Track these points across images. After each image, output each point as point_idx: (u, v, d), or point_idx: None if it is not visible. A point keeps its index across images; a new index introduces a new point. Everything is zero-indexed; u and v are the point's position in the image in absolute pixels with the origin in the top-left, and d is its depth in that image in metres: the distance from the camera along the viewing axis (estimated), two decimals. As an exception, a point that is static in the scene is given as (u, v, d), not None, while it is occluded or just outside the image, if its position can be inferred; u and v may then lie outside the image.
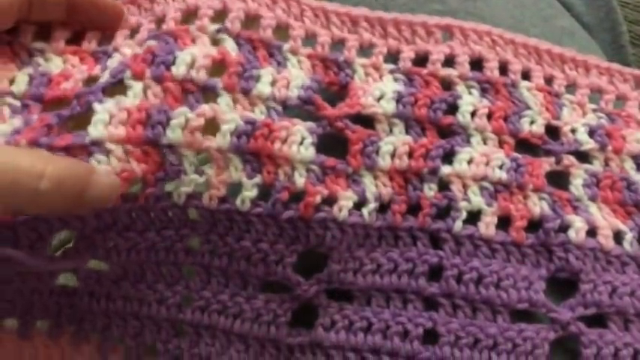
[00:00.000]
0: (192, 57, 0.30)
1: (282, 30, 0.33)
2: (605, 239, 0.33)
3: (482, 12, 0.40)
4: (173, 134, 0.29)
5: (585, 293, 0.32)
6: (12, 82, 0.30)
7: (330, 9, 0.34)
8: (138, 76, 0.29)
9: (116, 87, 0.30)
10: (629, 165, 0.36)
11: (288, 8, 0.34)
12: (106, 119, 0.29)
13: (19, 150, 0.27)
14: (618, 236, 0.34)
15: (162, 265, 0.33)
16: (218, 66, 0.31)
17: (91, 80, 0.31)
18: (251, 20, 0.33)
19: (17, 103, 0.30)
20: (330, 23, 0.34)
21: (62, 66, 0.32)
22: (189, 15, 0.32)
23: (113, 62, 0.31)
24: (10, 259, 0.28)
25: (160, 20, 0.33)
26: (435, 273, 0.32)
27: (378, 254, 0.32)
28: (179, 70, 0.30)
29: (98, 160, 0.28)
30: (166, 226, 0.32)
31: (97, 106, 0.29)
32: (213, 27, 0.32)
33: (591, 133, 0.35)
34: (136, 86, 0.29)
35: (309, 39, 0.34)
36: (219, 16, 0.32)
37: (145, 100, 0.29)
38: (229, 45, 0.32)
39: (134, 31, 0.33)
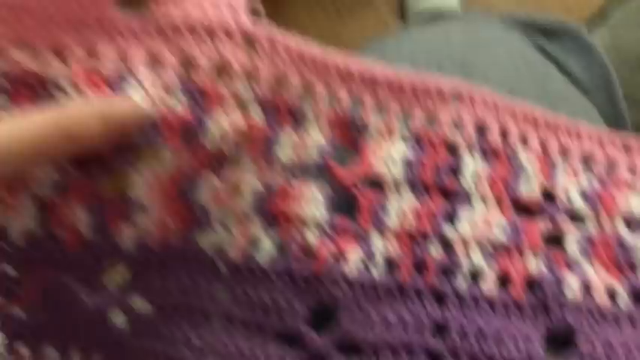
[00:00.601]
0: (222, 128, 0.32)
1: (307, 90, 0.35)
2: (600, 297, 0.35)
3: (478, 81, 0.42)
4: (202, 196, 0.33)
5: (582, 350, 0.34)
6: None
7: (355, 69, 0.35)
8: (171, 147, 0.32)
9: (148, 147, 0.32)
10: (621, 226, 0.37)
11: (314, 68, 0.34)
12: (145, 186, 0.32)
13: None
14: (613, 294, 0.36)
15: (193, 311, 0.35)
16: (244, 135, 0.33)
17: None
18: (279, 82, 0.34)
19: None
20: (352, 80, 0.35)
21: (76, 97, 0.31)
22: (221, 67, 0.32)
23: (134, 96, 0.31)
24: (66, 286, 0.33)
25: (187, 61, 0.32)
26: (440, 329, 0.34)
27: (386, 310, 0.34)
28: (210, 141, 0.32)
29: (140, 217, 0.33)
30: (198, 274, 0.35)
31: (136, 175, 0.32)
32: (243, 91, 0.33)
33: (584, 196, 0.37)
34: (170, 156, 0.32)
35: (331, 98, 0.35)
36: (249, 76, 0.33)
37: (178, 170, 0.32)
38: (256, 112, 0.33)
39: (154, 59, 0.32)
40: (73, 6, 0.31)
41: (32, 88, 0.30)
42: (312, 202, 0.35)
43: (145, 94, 0.31)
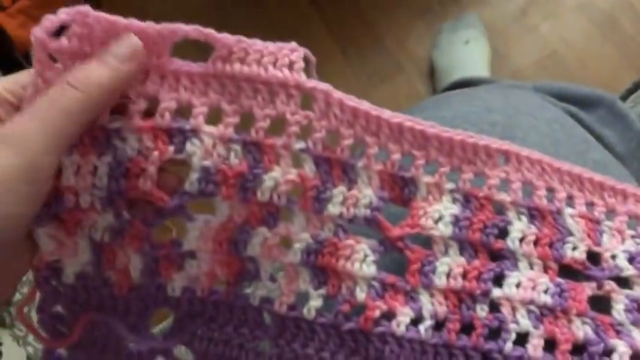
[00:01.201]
0: (276, 182, 0.33)
1: (357, 146, 0.36)
2: None
3: (518, 143, 0.43)
4: (253, 250, 0.34)
5: None
6: (93, 173, 0.32)
7: (406, 126, 0.35)
8: (227, 199, 0.33)
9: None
10: None
11: (367, 125, 0.35)
12: (197, 235, 0.34)
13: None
14: None
15: None
16: (297, 188, 0.35)
17: (166, 163, 0.33)
18: (330, 136, 0.35)
19: (103, 194, 0.33)
20: (404, 139, 0.36)
21: (137, 146, 0.32)
22: (276, 122, 0.34)
23: (193, 152, 0.32)
24: (113, 329, 0.34)
25: (245, 116, 0.34)
26: None
27: None
28: (264, 195, 0.33)
29: (191, 265, 0.35)
30: (243, 324, 0.35)
31: (189, 225, 0.34)
32: (298, 146, 0.34)
33: (631, 259, 0.38)
34: (224, 207, 0.34)
35: (382, 151, 0.36)
36: (304, 130, 0.34)
37: (231, 221, 0.34)
38: (308, 166, 0.34)
39: (214, 115, 0.34)
40: None
41: (95, 138, 0.32)
42: (361, 258, 0.35)
43: (203, 147, 0.33)
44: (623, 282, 0.37)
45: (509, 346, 0.35)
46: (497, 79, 1.03)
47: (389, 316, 0.35)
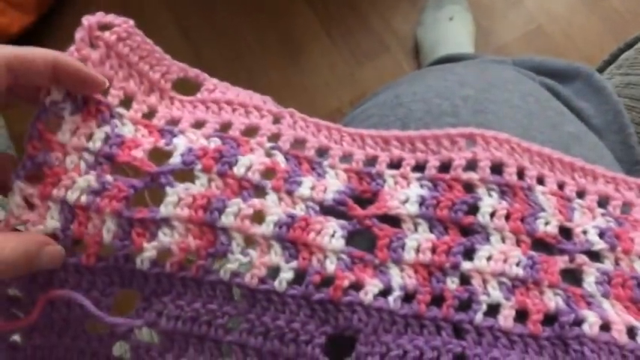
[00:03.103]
0: (251, 162, 0.37)
1: (323, 151, 0.40)
2: (619, 334, 0.35)
3: (492, 123, 0.44)
4: (227, 219, 0.36)
5: None
6: (89, 137, 0.36)
7: (365, 133, 0.40)
8: (206, 170, 0.36)
9: (185, 172, 0.36)
10: (639, 265, 0.38)
11: (330, 134, 0.40)
12: (175, 201, 0.35)
13: None
14: (632, 332, 0.36)
15: (204, 340, 0.36)
16: (269, 172, 0.37)
17: (156, 151, 0.37)
18: (299, 143, 0.39)
19: (91, 159, 0.36)
20: (365, 144, 0.40)
21: (134, 133, 0.38)
22: (251, 130, 0.39)
23: (179, 142, 0.38)
24: (79, 305, 0.35)
25: (225, 125, 0.39)
26: None
27: (404, 341, 0.35)
28: (239, 170, 0.37)
29: (164, 233, 0.35)
30: (211, 300, 0.36)
31: (169, 189, 0.36)
32: (269, 144, 0.39)
33: (601, 234, 0.38)
34: (203, 177, 0.36)
35: (346, 157, 0.40)
36: (274, 136, 0.39)
37: (209, 190, 0.36)
38: (280, 158, 0.38)
39: (199, 124, 0.39)
40: (149, 69, 0.39)
41: (100, 110, 0.37)
42: (330, 233, 0.37)
43: (188, 139, 0.37)
44: (594, 256, 0.38)
45: (479, 317, 0.35)
46: (481, 55, 1.03)
47: (357, 287, 0.36)
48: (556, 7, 1.20)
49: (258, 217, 0.36)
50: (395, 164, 0.40)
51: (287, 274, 0.36)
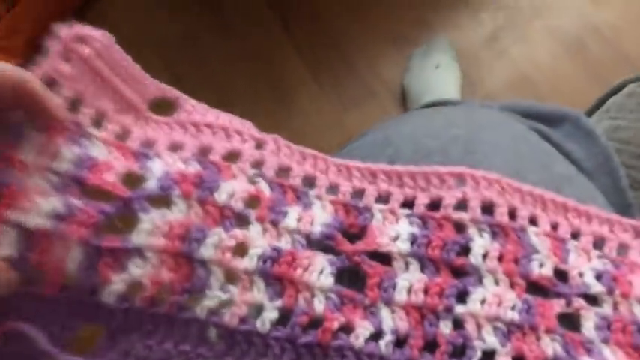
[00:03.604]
0: (233, 189, 0.35)
1: (308, 181, 0.38)
2: None
3: (482, 164, 0.42)
4: (206, 250, 0.33)
5: None
6: (55, 157, 0.33)
7: (352, 165, 0.38)
8: (185, 196, 0.33)
9: (161, 198, 0.33)
10: (638, 309, 0.36)
11: (315, 163, 0.38)
12: (149, 229, 0.32)
13: None
14: None
15: None
16: (253, 200, 0.35)
17: (130, 175, 0.34)
18: (283, 171, 0.37)
19: (58, 181, 0.32)
20: (352, 176, 0.38)
21: (106, 156, 0.34)
22: (232, 155, 0.37)
23: (155, 165, 0.35)
24: (29, 339, 0.31)
25: (204, 149, 0.37)
26: None
27: None
28: (221, 197, 0.34)
29: (136, 265, 0.32)
30: (184, 340, 0.33)
31: (142, 216, 0.32)
32: (252, 171, 0.36)
33: (598, 276, 0.37)
34: (182, 204, 0.33)
35: (333, 189, 0.38)
36: (257, 163, 0.37)
37: (188, 218, 0.33)
38: (263, 186, 0.36)
39: (176, 147, 0.37)
40: (125, 87, 0.36)
41: (68, 130, 0.34)
42: (319, 269, 0.34)
43: (163, 162, 0.34)
44: (592, 300, 0.36)
45: None
46: (467, 100, 1.03)
47: (347, 329, 0.33)
48: (541, 57, 1.22)
49: (241, 249, 0.34)
50: (383, 199, 0.38)
51: (271, 314, 0.33)
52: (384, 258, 0.36)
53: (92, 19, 1.42)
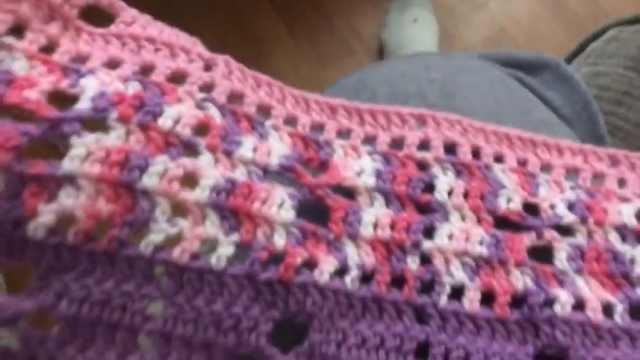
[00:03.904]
0: (179, 113, 0.30)
1: (264, 110, 0.34)
2: (594, 313, 0.32)
3: (461, 108, 0.42)
4: (150, 180, 0.29)
5: None
6: None
7: (310, 97, 0.35)
8: (123, 120, 0.29)
9: (95, 121, 0.29)
10: (614, 236, 0.35)
11: (271, 92, 0.34)
12: (83, 155, 0.28)
13: None
14: (608, 309, 0.33)
15: (117, 328, 0.29)
16: (202, 127, 0.31)
17: (57, 94, 0.29)
18: (236, 98, 0.33)
19: None
20: (310, 109, 0.35)
21: (27, 70, 0.29)
22: (178, 76, 0.33)
23: (88, 83, 0.30)
24: None
25: (146, 68, 0.32)
26: (422, 349, 0.31)
27: (362, 327, 0.31)
28: (165, 122, 0.30)
29: (67, 194, 0.27)
30: (127, 280, 0.29)
31: (74, 139, 0.28)
32: (200, 95, 0.32)
33: (570, 207, 0.36)
34: (120, 129, 0.29)
35: (290, 121, 0.35)
36: (206, 86, 0.33)
37: (127, 144, 0.29)
38: (214, 112, 0.32)
39: (113, 63, 0.32)
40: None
41: None
42: (278, 202, 0.31)
43: (99, 81, 0.30)
44: (565, 231, 0.35)
45: (444, 300, 0.32)
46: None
47: (311, 265, 0.31)
48: (518, 10, 1.21)
49: (190, 181, 0.30)
50: (343, 135, 0.36)
51: (226, 249, 0.29)
52: (347, 193, 0.34)
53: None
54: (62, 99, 0.29)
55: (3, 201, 0.26)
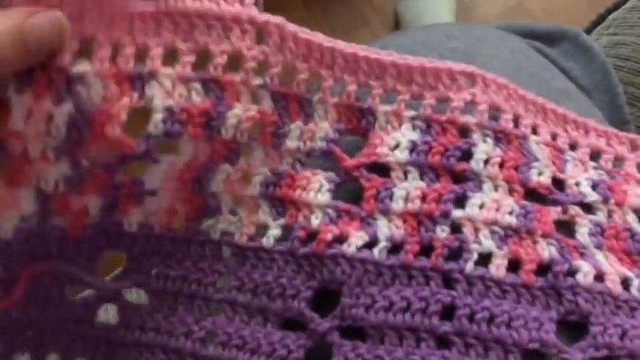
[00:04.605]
0: (238, 119, 0.33)
1: (313, 81, 0.36)
2: (613, 284, 0.34)
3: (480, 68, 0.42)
4: (216, 186, 0.35)
5: (596, 335, 0.32)
6: (48, 120, 0.28)
7: (361, 55, 0.35)
8: (193, 138, 0.32)
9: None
10: (632, 217, 0.37)
11: (322, 57, 0.35)
12: (160, 175, 0.33)
13: None
14: (625, 283, 0.34)
15: (194, 298, 0.36)
16: (257, 125, 0.35)
17: (131, 112, 0.31)
18: (288, 72, 0.35)
19: (58, 145, 0.29)
20: (360, 70, 0.35)
21: (102, 92, 0.29)
22: (233, 59, 0.34)
23: (154, 94, 0.31)
24: (67, 274, 0.34)
25: (201, 53, 0.33)
26: (448, 312, 0.33)
27: (390, 292, 0.33)
28: (228, 133, 0.33)
29: (151, 202, 0.34)
30: (201, 259, 0.36)
31: (153, 166, 0.33)
32: (256, 82, 0.34)
33: (594, 186, 0.37)
34: (189, 146, 0.33)
35: (339, 84, 0.36)
36: (260, 66, 0.34)
37: (195, 159, 0.33)
38: (267, 102, 0.34)
39: (170, 53, 0.33)
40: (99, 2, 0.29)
41: (52, 81, 0.28)
42: (316, 188, 0.35)
43: (163, 89, 0.31)
44: (587, 208, 0.37)
45: (470, 266, 0.33)
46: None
47: (342, 240, 0.34)
48: (537, -19, 1.20)
49: (245, 177, 0.35)
50: (388, 97, 0.36)
51: (274, 231, 0.35)
52: (382, 168, 0.36)
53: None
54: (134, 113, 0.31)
55: (103, 212, 0.34)
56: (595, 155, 0.39)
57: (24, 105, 0.28)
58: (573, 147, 0.39)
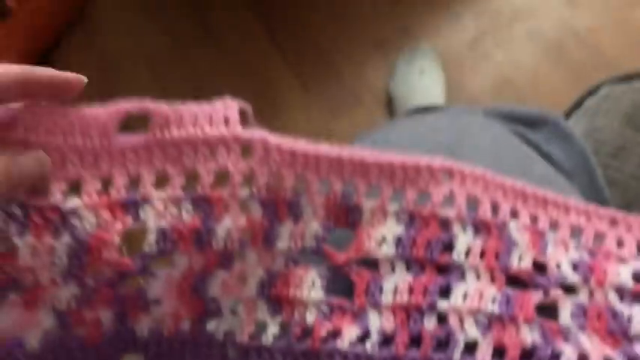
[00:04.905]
0: (228, 231, 0.35)
1: (300, 185, 0.37)
2: None
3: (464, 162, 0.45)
4: (213, 291, 0.36)
5: None
6: (51, 252, 0.31)
7: (345, 157, 0.36)
8: (185, 253, 0.34)
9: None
10: (613, 297, 0.39)
11: (306, 161, 0.36)
12: (162, 286, 0.35)
13: None
14: None
15: None
16: (247, 232, 0.36)
17: (126, 236, 0.34)
18: (274, 180, 0.36)
19: (64, 271, 0.32)
20: (344, 170, 0.37)
21: (95, 222, 0.32)
22: (221, 176, 0.35)
23: (148, 216, 0.34)
24: None
25: (190, 175, 0.35)
26: None
27: None
28: (219, 244, 0.34)
29: (156, 309, 0.35)
30: (207, 358, 0.36)
31: (152, 281, 0.35)
32: (243, 193, 0.35)
33: (575, 267, 0.39)
34: (183, 260, 0.35)
35: (323, 185, 0.37)
36: (246, 178, 0.36)
37: (190, 270, 0.35)
38: (255, 211, 0.35)
39: (161, 178, 0.35)
40: (83, 139, 0.32)
41: (48, 219, 0.31)
42: (309, 284, 0.37)
43: (156, 211, 0.34)
44: (569, 289, 0.38)
45: (457, 356, 0.35)
46: (451, 106, 1.06)
47: (336, 334, 0.36)
48: (522, 59, 1.25)
49: (242, 278, 0.36)
50: (373, 193, 0.38)
51: (273, 329, 0.36)
52: (371, 261, 0.38)
53: (84, 31, 1.43)
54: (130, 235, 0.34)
55: (116, 322, 0.35)
56: (576, 233, 0.41)
57: (28, 244, 0.31)
58: (554, 226, 0.40)
